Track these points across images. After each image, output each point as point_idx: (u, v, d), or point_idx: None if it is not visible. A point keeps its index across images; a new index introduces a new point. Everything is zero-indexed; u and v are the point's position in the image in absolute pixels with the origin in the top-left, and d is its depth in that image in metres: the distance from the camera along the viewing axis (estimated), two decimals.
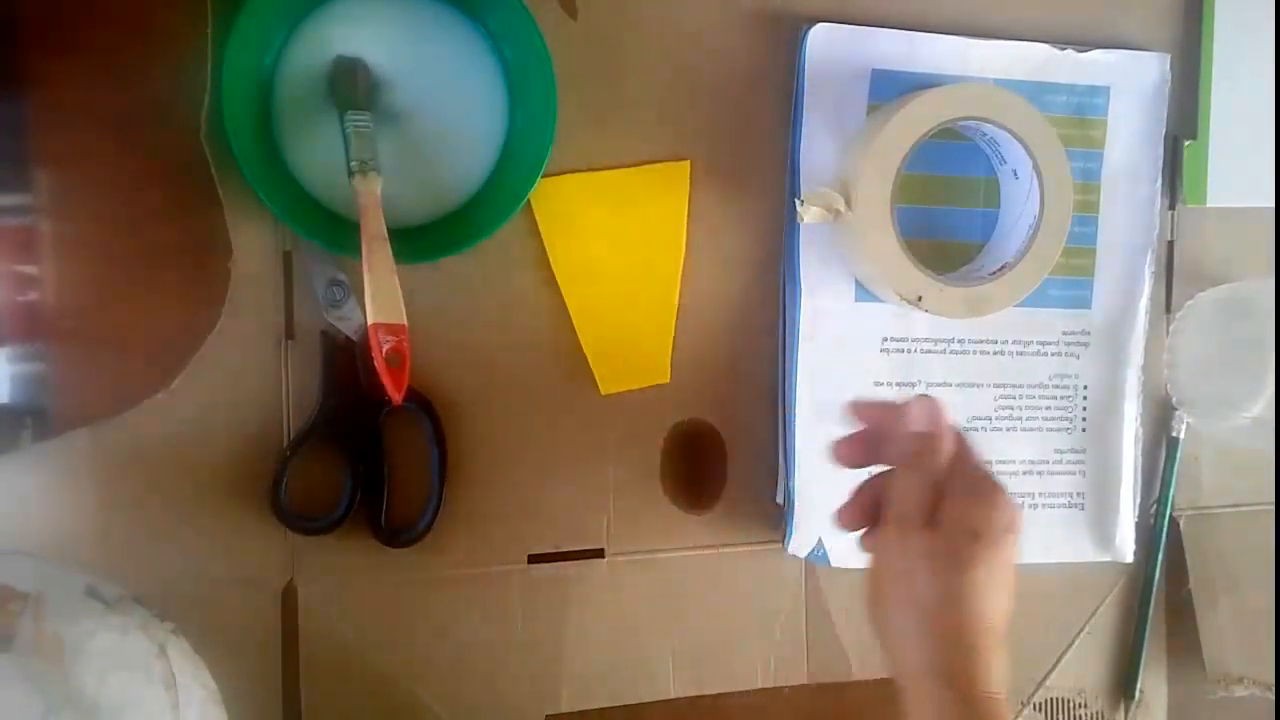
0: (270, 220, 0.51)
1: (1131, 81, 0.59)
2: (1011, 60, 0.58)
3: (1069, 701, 0.63)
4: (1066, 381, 0.60)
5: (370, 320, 0.47)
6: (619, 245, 0.55)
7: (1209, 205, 0.62)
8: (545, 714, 0.56)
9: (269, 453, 0.52)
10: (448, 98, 0.52)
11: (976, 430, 0.59)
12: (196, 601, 0.47)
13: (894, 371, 0.58)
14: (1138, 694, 0.63)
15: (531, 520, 0.56)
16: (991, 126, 0.54)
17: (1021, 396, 0.60)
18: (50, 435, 0.50)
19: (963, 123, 0.54)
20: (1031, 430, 0.60)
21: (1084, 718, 0.63)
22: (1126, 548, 0.61)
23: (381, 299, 0.47)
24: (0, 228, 0.50)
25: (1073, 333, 0.60)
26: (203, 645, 0.42)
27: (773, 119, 0.57)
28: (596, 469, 0.56)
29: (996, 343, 0.59)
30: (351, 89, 0.49)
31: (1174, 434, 0.63)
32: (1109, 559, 0.62)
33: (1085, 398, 0.61)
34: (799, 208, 0.53)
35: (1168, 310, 0.63)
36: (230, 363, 0.51)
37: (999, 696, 0.41)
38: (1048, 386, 0.60)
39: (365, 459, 0.52)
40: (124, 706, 0.36)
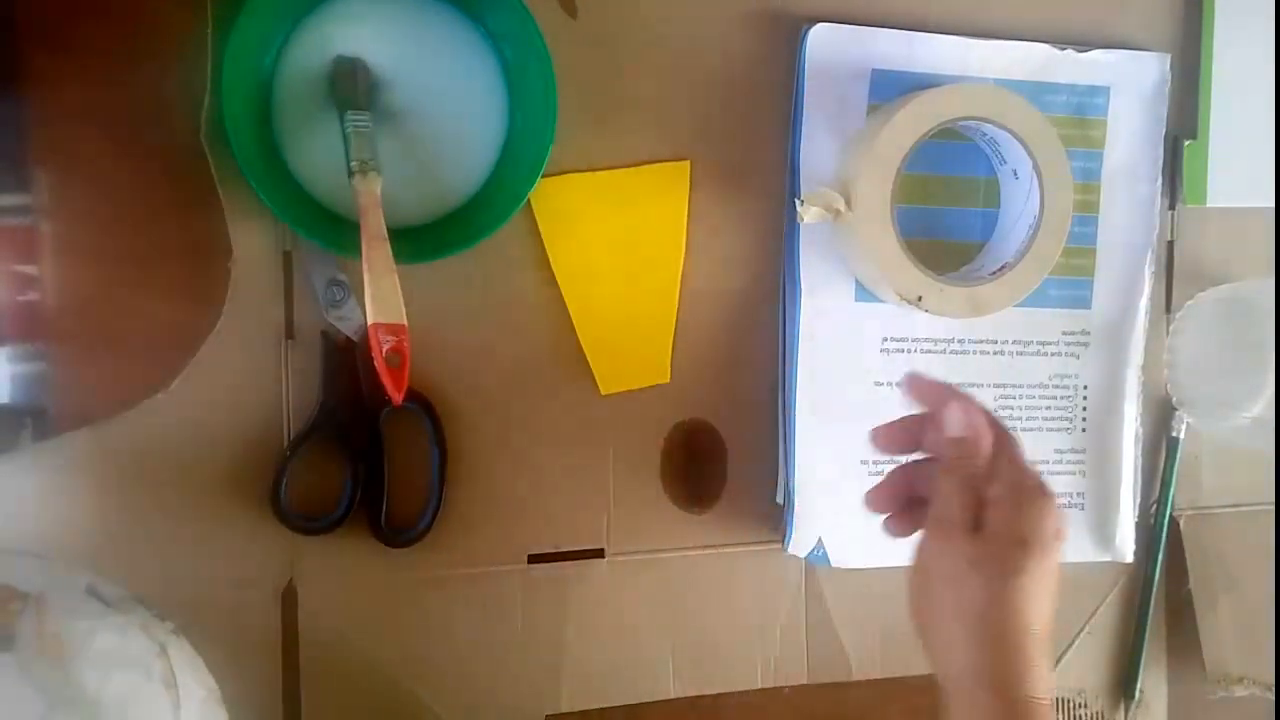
0: (270, 220, 0.51)
1: (1131, 81, 0.59)
2: (1011, 60, 0.58)
3: (1069, 701, 0.63)
4: (1066, 381, 0.60)
5: (370, 320, 0.47)
6: (619, 245, 0.55)
7: (1209, 205, 0.62)
8: (545, 714, 0.56)
9: (269, 453, 0.52)
10: (448, 98, 0.52)
11: None
12: (196, 601, 0.47)
13: (894, 371, 0.58)
14: (1138, 694, 0.63)
15: (531, 520, 0.56)
16: (991, 126, 0.54)
17: (1021, 396, 0.60)
18: (50, 435, 0.50)
19: (963, 123, 0.54)
20: (1031, 430, 0.60)
21: (1084, 718, 0.63)
22: (1126, 548, 0.62)
23: (381, 299, 0.47)
24: (0, 228, 0.50)
25: (1073, 333, 0.60)
26: (203, 645, 0.42)
27: (773, 119, 0.57)
28: (596, 469, 0.56)
29: (996, 343, 0.59)
30: (351, 89, 0.49)
31: (1174, 434, 0.63)
32: (1109, 559, 0.62)
33: (1085, 398, 0.61)
34: (799, 208, 0.53)
35: (1168, 310, 0.63)
36: (230, 363, 0.51)
37: (1044, 702, 0.41)
38: (1048, 386, 0.60)
39: (365, 459, 0.52)
40: (124, 706, 0.36)
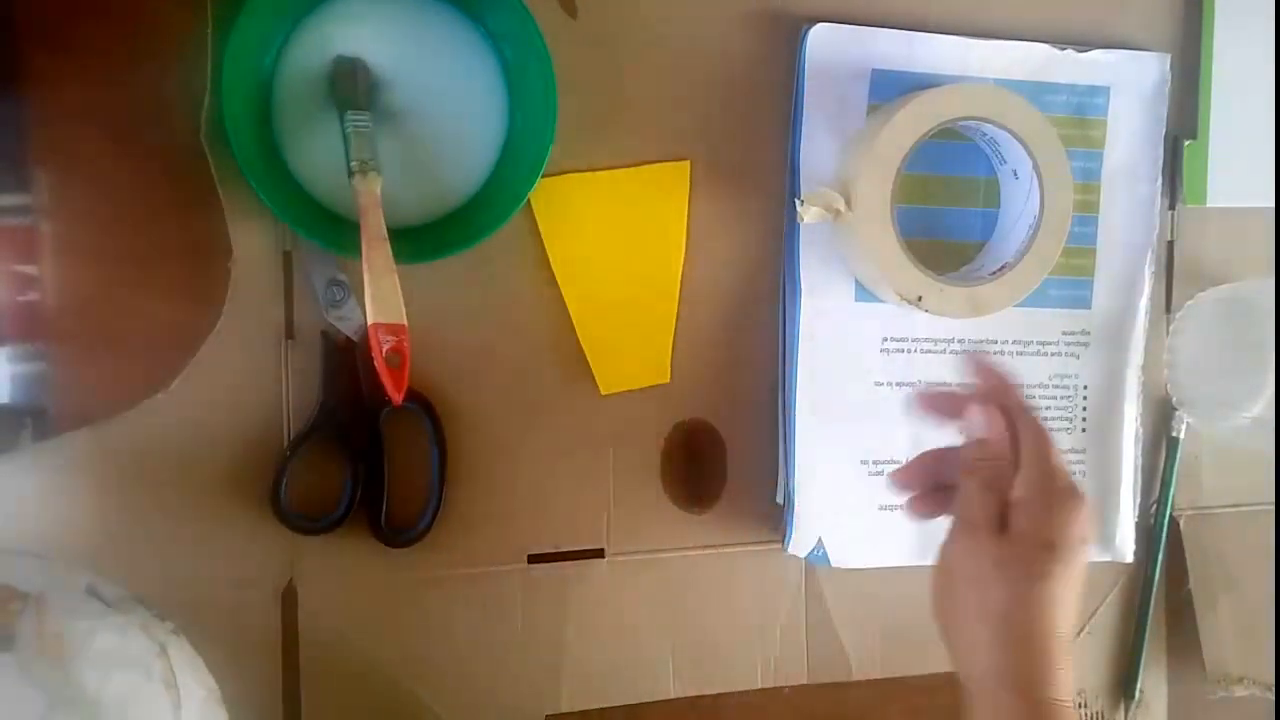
0: (270, 220, 0.51)
1: (1131, 81, 0.59)
2: (1011, 60, 0.58)
3: None
4: (1066, 381, 0.60)
5: (370, 320, 0.47)
6: (619, 245, 0.55)
7: (1209, 205, 0.62)
8: (545, 714, 0.56)
9: (269, 453, 0.52)
10: (448, 98, 0.52)
11: None
12: (196, 601, 0.47)
13: (894, 371, 0.58)
14: (1138, 694, 0.63)
15: (531, 520, 0.56)
16: (991, 126, 0.54)
17: None
18: (50, 435, 0.50)
19: (963, 123, 0.54)
20: None
21: (1084, 718, 0.63)
22: (1126, 548, 0.61)
23: (381, 299, 0.47)
24: (0, 228, 0.50)
25: (1073, 333, 0.60)
26: (203, 645, 0.42)
27: (773, 119, 0.57)
28: (596, 469, 0.56)
29: (996, 343, 0.59)
30: (351, 89, 0.49)
31: (1174, 434, 0.63)
32: (1109, 559, 0.62)
33: (1085, 398, 0.61)
34: (799, 208, 0.53)
35: (1168, 310, 0.63)
36: (230, 363, 0.51)
37: (1066, 704, 0.41)
38: (1048, 386, 0.60)
39: (365, 459, 0.52)
40: (124, 706, 0.36)
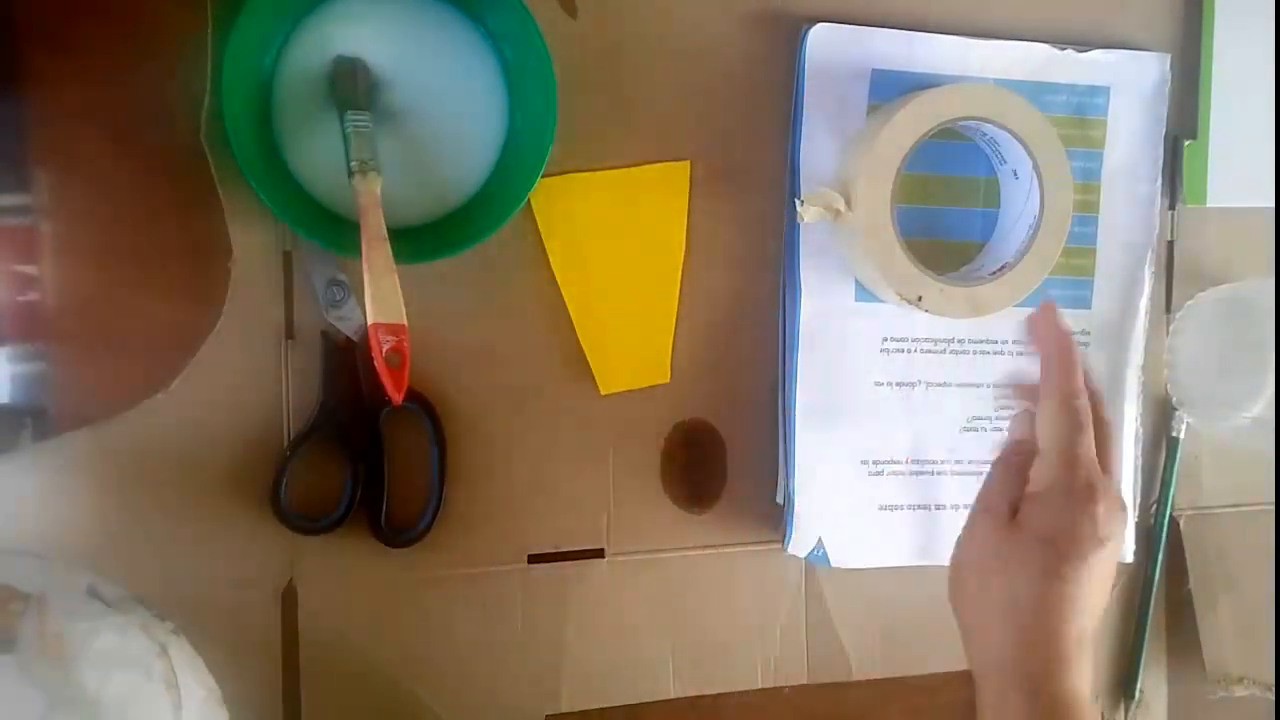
0: (270, 220, 0.51)
1: (1131, 81, 0.59)
2: (1011, 60, 0.58)
3: None
4: None
5: (370, 320, 0.47)
6: (619, 245, 0.55)
7: (1209, 205, 0.62)
8: (545, 714, 0.56)
9: (269, 453, 0.52)
10: (448, 98, 0.52)
11: (976, 430, 0.59)
12: (196, 601, 0.47)
13: (894, 371, 0.58)
14: (1138, 694, 0.63)
15: (531, 520, 0.56)
16: (991, 126, 0.54)
17: None
18: (50, 435, 0.50)
19: (963, 123, 0.54)
20: None
21: None
22: (1126, 548, 0.61)
23: (381, 299, 0.47)
24: (0, 228, 0.50)
25: (1073, 333, 0.60)
26: (203, 645, 0.42)
27: (773, 119, 0.57)
28: (596, 469, 0.56)
29: (996, 343, 0.59)
30: (351, 89, 0.49)
31: (1174, 434, 0.63)
32: None
33: None
34: (799, 208, 0.53)
35: (1168, 310, 0.63)
36: (230, 363, 0.51)
37: (1080, 704, 0.41)
38: None
39: (365, 459, 0.52)
40: (125, 706, 0.36)
